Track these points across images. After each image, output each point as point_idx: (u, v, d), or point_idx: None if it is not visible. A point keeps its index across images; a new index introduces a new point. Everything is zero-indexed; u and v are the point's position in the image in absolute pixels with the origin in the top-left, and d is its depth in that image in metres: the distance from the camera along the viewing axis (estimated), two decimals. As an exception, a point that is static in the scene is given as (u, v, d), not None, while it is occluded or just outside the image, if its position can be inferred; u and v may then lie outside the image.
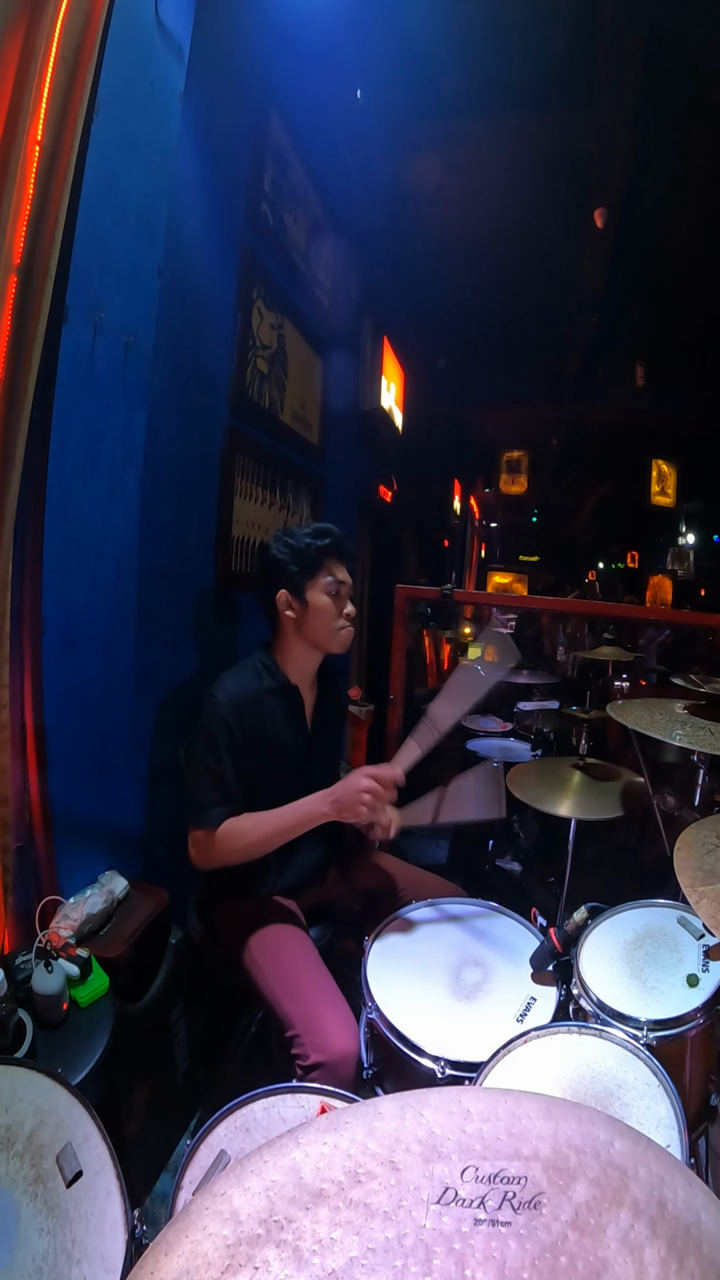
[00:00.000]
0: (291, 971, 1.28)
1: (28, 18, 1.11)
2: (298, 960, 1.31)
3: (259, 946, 1.33)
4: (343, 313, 3.16)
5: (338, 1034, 1.16)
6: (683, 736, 1.32)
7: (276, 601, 1.43)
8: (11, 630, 1.19)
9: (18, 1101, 0.82)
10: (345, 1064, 1.14)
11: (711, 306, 4.51)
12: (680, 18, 2.63)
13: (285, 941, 1.35)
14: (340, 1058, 1.14)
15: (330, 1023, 1.17)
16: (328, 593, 1.42)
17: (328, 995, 1.24)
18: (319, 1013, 1.19)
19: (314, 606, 1.41)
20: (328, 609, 1.42)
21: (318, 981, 1.27)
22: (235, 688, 1.38)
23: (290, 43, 2.14)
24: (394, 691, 2.39)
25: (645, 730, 1.36)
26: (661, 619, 4.19)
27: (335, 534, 1.46)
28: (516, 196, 3.65)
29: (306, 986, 1.25)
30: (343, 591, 1.44)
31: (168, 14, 1.45)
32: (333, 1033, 1.16)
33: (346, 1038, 1.16)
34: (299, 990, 1.24)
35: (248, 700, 1.38)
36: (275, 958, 1.31)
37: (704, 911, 0.88)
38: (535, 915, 1.39)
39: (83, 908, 1.29)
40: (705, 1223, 0.41)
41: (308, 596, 1.41)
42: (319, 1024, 1.17)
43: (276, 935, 1.36)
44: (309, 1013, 1.19)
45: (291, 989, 1.25)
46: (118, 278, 1.40)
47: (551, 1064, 0.98)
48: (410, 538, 5.86)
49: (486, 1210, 0.42)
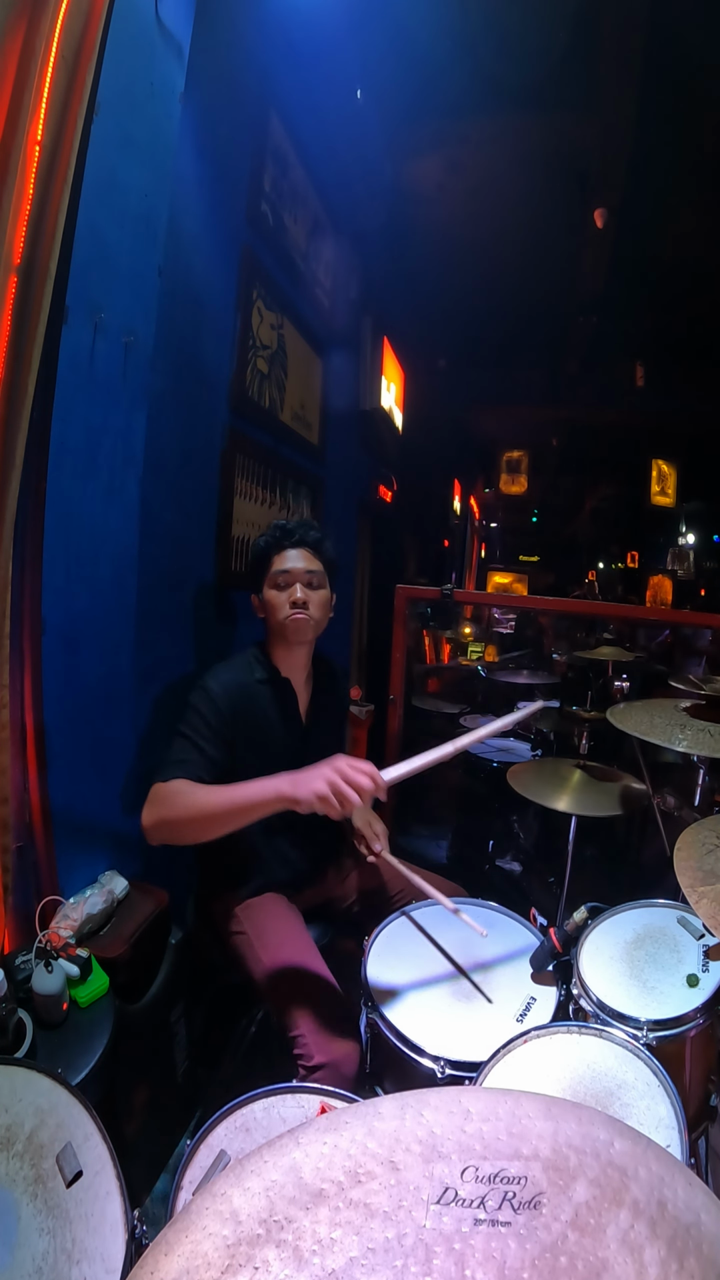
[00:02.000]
0: (293, 972, 1.28)
1: (28, 18, 1.11)
2: (299, 961, 1.31)
3: (260, 946, 1.33)
4: (343, 313, 3.16)
5: (340, 1034, 1.16)
6: (684, 740, 1.32)
7: (253, 605, 1.50)
8: (11, 630, 1.19)
9: (18, 1101, 0.82)
10: (348, 1063, 1.14)
11: (711, 306, 4.51)
12: (680, 18, 2.63)
13: (286, 942, 1.35)
14: (343, 1058, 1.14)
15: (332, 1024, 1.18)
16: (274, 585, 1.44)
17: (329, 995, 1.24)
18: (321, 1014, 1.19)
19: (267, 602, 1.45)
20: (274, 600, 1.44)
21: (319, 982, 1.27)
22: (227, 676, 1.40)
23: (290, 43, 2.14)
24: (394, 691, 2.40)
25: (646, 736, 1.36)
26: (661, 619, 4.19)
27: (282, 526, 1.47)
28: (517, 197, 3.65)
29: (308, 987, 1.25)
30: (289, 579, 1.43)
31: (168, 14, 1.45)
32: (335, 1033, 1.16)
33: (349, 1037, 1.17)
34: (301, 991, 1.24)
35: (239, 688, 1.39)
36: (276, 958, 1.31)
37: (704, 911, 0.88)
38: (535, 915, 1.39)
39: (83, 908, 1.29)
40: (705, 1223, 0.41)
41: (265, 594, 1.45)
42: (322, 1025, 1.17)
43: (277, 935, 1.36)
44: (311, 1013, 1.19)
45: (293, 989, 1.25)
46: (118, 278, 1.39)
47: (551, 1064, 0.98)
48: (410, 538, 5.86)
49: (486, 1210, 0.42)
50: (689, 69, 2.86)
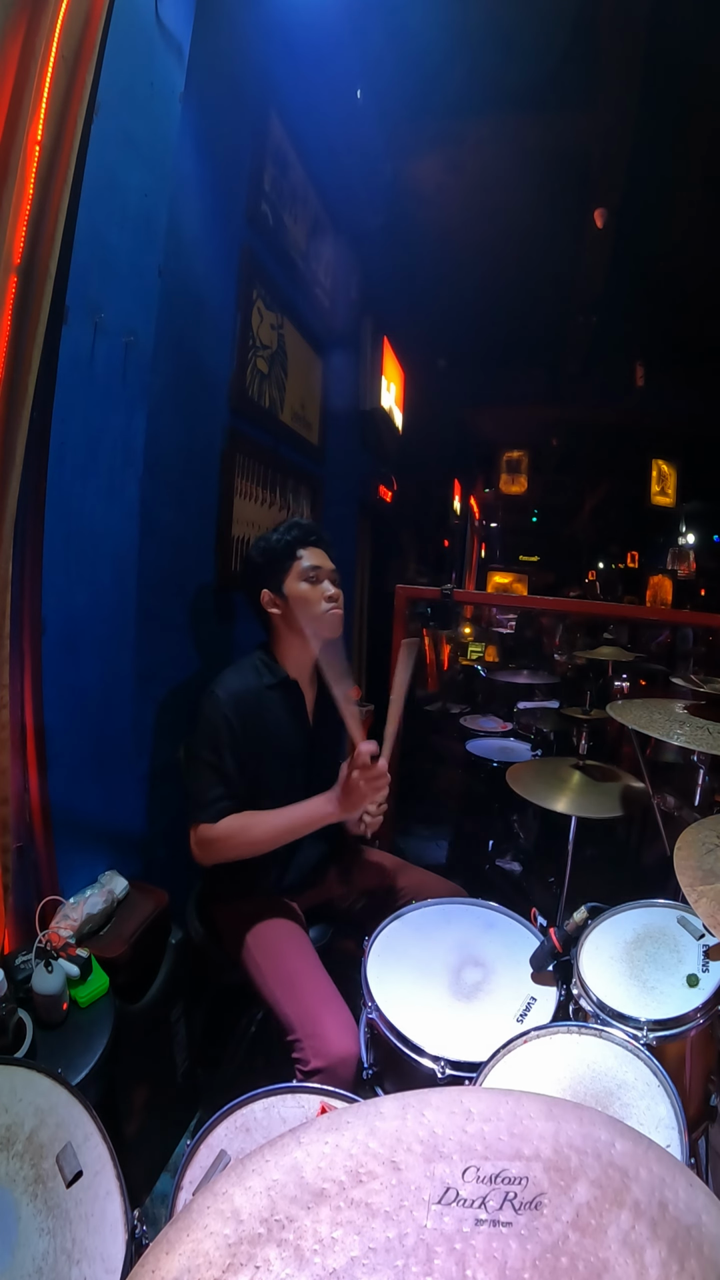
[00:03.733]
0: (292, 974, 1.28)
1: (28, 18, 1.11)
2: (298, 962, 1.31)
3: (259, 947, 1.33)
4: (343, 313, 3.16)
5: (338, 1038, 1.16)
6: (682, 736, 1.32)
7: (262, 602, 1.46)
8: (11, 630, 1.19)
9: (18, 1101, 0.82)
10: (345, 1067, 1.14)
11: (711, 307, 4.50)
12: (680, 17, 2.62)
13: (285, 943, 1.35)
14: (340, 1061, 1.14)
15: (331, 1027, 1.17)
16: (304, 579, 1.44)
17: (328, 998, 1.24)
18: (320, 1017, 1.19)
19: (294, 597, 1.43)
20: (308, 595, 1.43)
21: (318, 984, 1.27)
22: (236, 684, 1.39)
23: (290, 43, 2.14)
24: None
25: (645, 730, 1.36)
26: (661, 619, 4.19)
27: (302, 524, 1.48)
28: (516, 197, 3.64)
29: (307, 990, 1.25)
30: (320, 575, 1.45)
31: (168, 14, 1.45)
32: (333, 1037, 1.16)
33: (347, 1041, 1.16)
34: (299, 993, 1.24)
35: (248, 696, 1.39)
36: (275, 960, 1.31)
37: (704, 911, 0.88)
38: (535, 915, 1.39)
39: (83, 908, 1.29)
40: (706, 1224, 0.40)
41: (286, 589, 1.44)
42: (320, 1028, 1.17)
43: (277, 936, 1.36)
44: (310, 1017, 1.19)
45: (292, 992, 1.25)
46: (118, 278, 1.39)
47: (551, 1064, 0.98)
48: (410, 538, 5.85)
49: (488, 1210, 0.42)
50: (689, 69, 2.86)
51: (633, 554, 8.59)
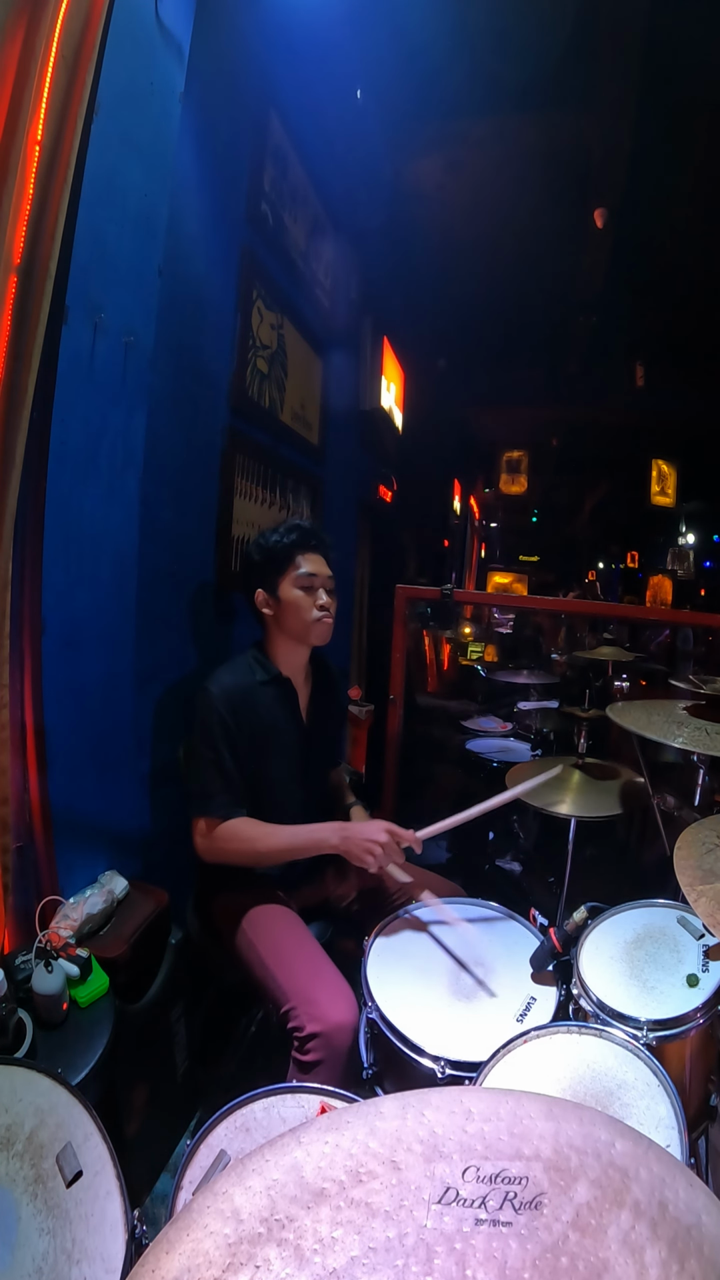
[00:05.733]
0: (284, 947, 1.29)
1: (28, 18, 1.11)
2: (290, 937, 1.32)
3: (251, 928, 1.35)
4: (343, 313, 3.16)
5: (333, 1004, 1.16)
6: (683, 739, 1.32)
7: (256, 601, 1.48)
8: (11, 630, 1.19)
9: (18, 1101, 0.82)
10: (341, 1033, 1.14)
11: (711, 306, 4.50)
12: (679, 18, 2.62)
13: (279, 922, 1.36)
14: (336, 1026, 1.14)
15: (325, 993, 1.18)
16: (299, 586, 1.44)
17: (321, 967, 1.25)
18: (313, 984, 1.20)
19: (286, 601, 1.44)
20: (300, 602, 1.44)
21: (311, 955, 1.28)
22: (228, 680, 1.41)
23: (290, 43, 2.14)
24: (394, 691, 2.40)
25: (645, 732, 1.36)
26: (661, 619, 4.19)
27: (304, 527, 1.48)
28: (516, 196, 3.65)
29: (300, 960, 1.26)
30: (316, 583, 1.45)
31: (168, 14, 1.45)
32: (328, 1002, 1.16)
33: (342, 1007, 1.17)
34: (292, 964, 1.25)
35: (241, 691, 1.40)
36: (268, 936, 1.32)
37: (703, 911, 0.88)
38: (535, 915, 1.39)
39: (83, 908, 1.29)
40: (706, 1224, 0.41)
41: (280, 592, 1.45)
42: (314, 995, 1.18)
43: (269, 916, 1.37)
44: (303, 984, 1.20)
45: (284, 964, 1.26)
46: (118, 278, 1.39)
47: (551, 1064, 0.97)
48: (410, 538, 5.85)
49: (488, 1210, 0.42)
50: (688, 69, 2.86)
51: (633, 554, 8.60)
